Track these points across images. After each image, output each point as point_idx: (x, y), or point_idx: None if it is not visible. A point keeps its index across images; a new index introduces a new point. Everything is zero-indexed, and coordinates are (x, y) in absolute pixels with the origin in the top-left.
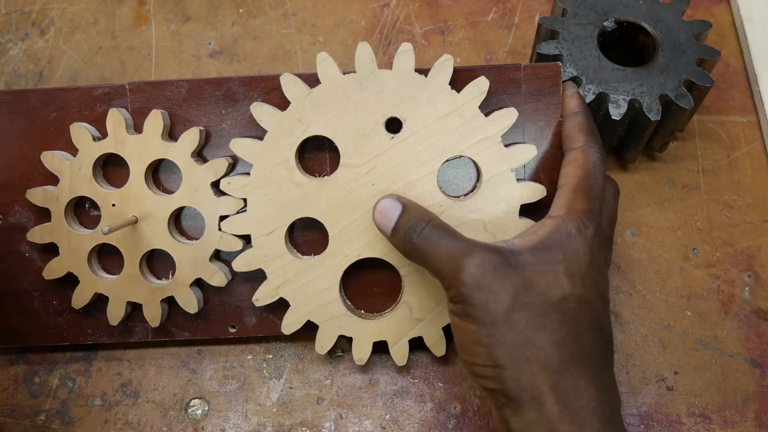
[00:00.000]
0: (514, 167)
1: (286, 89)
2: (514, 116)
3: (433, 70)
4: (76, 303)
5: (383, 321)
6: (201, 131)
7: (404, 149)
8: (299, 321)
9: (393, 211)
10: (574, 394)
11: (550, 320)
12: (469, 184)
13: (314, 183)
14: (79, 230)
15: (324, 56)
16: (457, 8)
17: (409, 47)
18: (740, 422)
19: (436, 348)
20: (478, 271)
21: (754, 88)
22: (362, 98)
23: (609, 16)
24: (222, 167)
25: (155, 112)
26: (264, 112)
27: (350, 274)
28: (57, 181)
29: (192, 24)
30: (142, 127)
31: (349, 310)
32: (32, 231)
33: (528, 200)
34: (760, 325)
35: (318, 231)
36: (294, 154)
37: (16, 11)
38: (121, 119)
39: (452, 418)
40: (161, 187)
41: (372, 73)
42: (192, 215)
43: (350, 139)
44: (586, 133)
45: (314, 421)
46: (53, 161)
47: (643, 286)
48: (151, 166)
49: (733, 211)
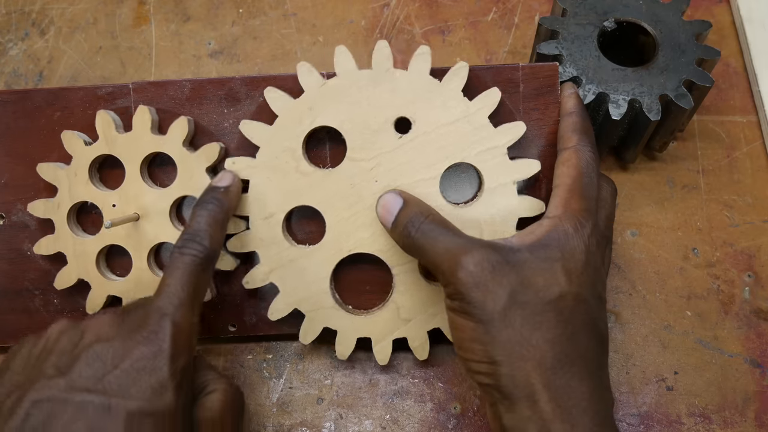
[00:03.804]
0: (516, 180)
1: (302, 77)
2: (522, 129)
3: (448, 75)
4: (90, 308)
5: (370, 318)
6: (189, 120)
7: (411, 150)
8: (287, 308)
9: (394, 205)
10: (567, 393)
11: (546, 318)
12: (470, 192)
13: (318, 173)
14: (84, 236)
15: (343, 49)
16: (457, 8)
17: (427, 50)
18: (740, 422)
19: (420, 351)
20: (476, 269)
21: (754, 88)
22: (375, 95)
23: (609, 16)
24: (214, 152)
25: (141, 108)
26: (277, 97)
27: (343, 268)
28: (56, 192)
29: (192, 24)
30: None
31: (337, 303)
32: (38, 244)
33: (527, 214)
34: (760, 325)
35: (316, 222)
36: (302, 142)
37: (16, 11)
38: (110, 120)
39: (452, 418)
40: (158, 182)
41: (387, 72)
42: (192, 204)
43: (358, 133)
44: (579, 132)
45: (314, 421)
46: (49, 172)
47: (643, 286)
48: (145, 161)
49: (733, 211)
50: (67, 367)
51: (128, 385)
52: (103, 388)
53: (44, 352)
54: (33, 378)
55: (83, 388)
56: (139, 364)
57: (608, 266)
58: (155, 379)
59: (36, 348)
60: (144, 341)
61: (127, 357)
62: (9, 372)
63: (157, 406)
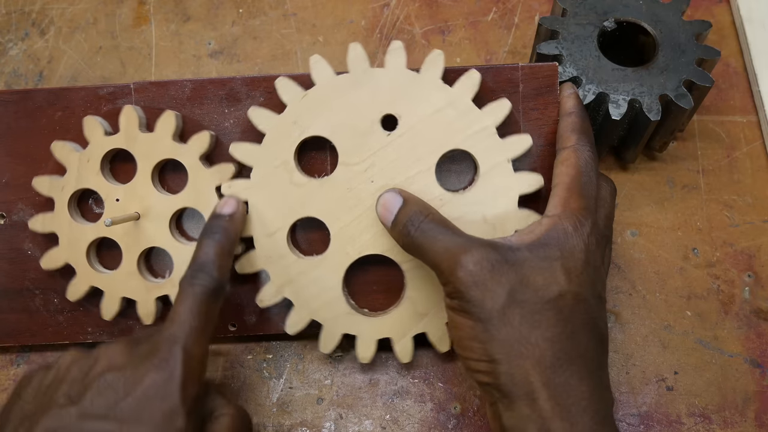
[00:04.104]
0: (510, 158)
1: (281, 93)
2: (508, 106)
3: (424, 65)
4: (71, 295)
5: (387, 318)
6: (212, 135)
7: (401, 145)
8: (303, 320)
9: (394, 204)
10: (567, 391)
11: (545, 317)
12: (467, 177)
13: (314, 183)
14: (81, 222)
15: (317, 59)
16: (457, 8)
17: (400, 45)
18: (740, 422)
19: (441, 344)
20: (476, 268)
21: (754, 88)
22: (357, 97)
23: (609, 16)
24: (229, 172)
25: (169, 112)
26: (261, 115)
27: (352, 273)
28: (63, 174)
29: (192, 24)
30: (151, 125)
31: (352, 308)
32: (34, 219)
33: (526, 191)
34: (760, 325)
35: (319, 230)
36: (293, 155)
37: (16, 11)
38: (135, 116)
39: (452, 418)
40: (166, 187)
41: (365, 72)
42: (194, 217)
43: (347, 138)
44: (577, 132)
45: (314, 421)
46: (63, 150)
47: (643, 286)
48: (158, 165)
49: (733, 211)
50: (79, 396)
51: (140, 411)
52: (115, 416)
53: (55, 382)
54: (45, 407)
55: (95, 416)
56: (150, 391)
57: (608, 266)
58: (167, 406)
59: (47, 378)
60: (155, 368)
61: (138, 385)
62: (20, 402)
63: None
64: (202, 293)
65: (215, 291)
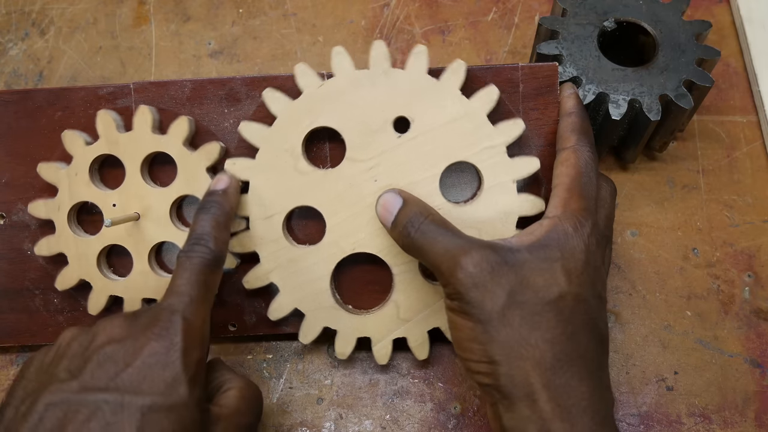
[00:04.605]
0: (516, 179)
1: (300, 79)
2: (521, 128)
3: (445, 73)
4: (92, 309)
5: (369, 318)
6: (190, 120)
7: (410, 149)
8: (287, 308)
9: (394, 205)
10: (567, 392)
11: (545, 318)
12: (469, 190)
13: (318, 173)
14: (84, 236)
15: (339, 50)
16: (457, 8)
17: (424, 49)
18: (740, 422)
19: (419, 351)
20: (476, 270)
21: (754, 88)
22: (373, 95)
23: (609, 16)
24: (215, 151)
25: (142, 107)
26: (275, 98)
27: (343, 268)
28: (56, 192)
29: (192, 24)
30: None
31: (337, 303)
32: (38, 245)
33: (527, 213)
34: (760, 325)
35: (316, 222)
36: (301, 142)
37: (16, 11)
38: (111, 120)
39: (452, 418)
40: (158, 181)
41: (385, 72)
42: (193, 203)
43: (357, 133)
44: (577, 132)
45: (314, 421)
46: (49, 171)
47: (643, 286)
48: (145, 161)
49: (733, 211)
50: (79, 369)
51: (141, 381)
52: (116, 387)
53: (56, 358)
54: (46, 383)
55: (96, 388)
56: (151, 360)
57: (608, 266)
58: (168, 373)
59: (48, 356)
60: (155, 337)
61: (138, 354)
62: (23, 380)
63: (171, 399)
64: (200, 264)
65: (212, 262)
